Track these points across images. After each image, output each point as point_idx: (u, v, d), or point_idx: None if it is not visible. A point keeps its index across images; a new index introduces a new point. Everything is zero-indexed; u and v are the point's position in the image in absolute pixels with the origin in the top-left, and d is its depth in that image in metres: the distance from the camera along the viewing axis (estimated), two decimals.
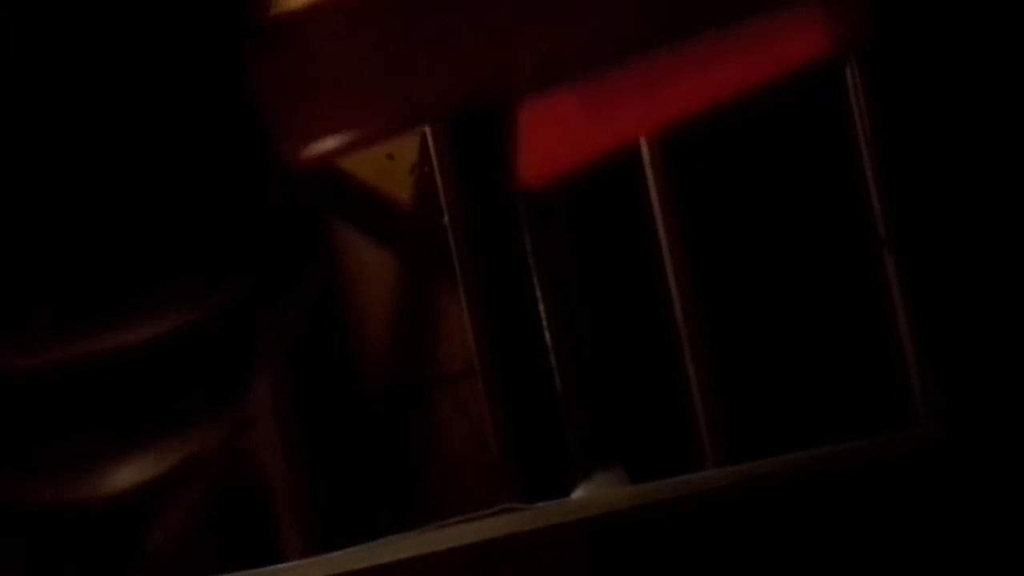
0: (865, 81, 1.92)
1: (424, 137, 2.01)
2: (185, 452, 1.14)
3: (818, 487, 1.62)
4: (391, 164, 2.12)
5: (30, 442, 1.04)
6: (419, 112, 1.13)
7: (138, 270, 0.98)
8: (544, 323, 1.93)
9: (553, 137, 1.05)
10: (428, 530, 1.71)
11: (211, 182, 1.01)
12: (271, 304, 1.11)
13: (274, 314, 1.12)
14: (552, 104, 1.02)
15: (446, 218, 1.99)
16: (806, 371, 1.94)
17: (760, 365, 1.95)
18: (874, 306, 1.92)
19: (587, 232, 1.97)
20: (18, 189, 0.94)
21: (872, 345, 1.93)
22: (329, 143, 1.08)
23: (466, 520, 1.71)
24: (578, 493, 1.86)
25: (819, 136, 1.99)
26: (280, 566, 1.74)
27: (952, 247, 1.93)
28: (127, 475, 1.11)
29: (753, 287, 1.98)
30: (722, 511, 1.59)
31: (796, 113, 2.00)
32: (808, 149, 2.00)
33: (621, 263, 2.01)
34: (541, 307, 1.93)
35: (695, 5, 1.04)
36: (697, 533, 1.56)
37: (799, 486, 1.62)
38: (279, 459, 1.99)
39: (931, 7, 1.92)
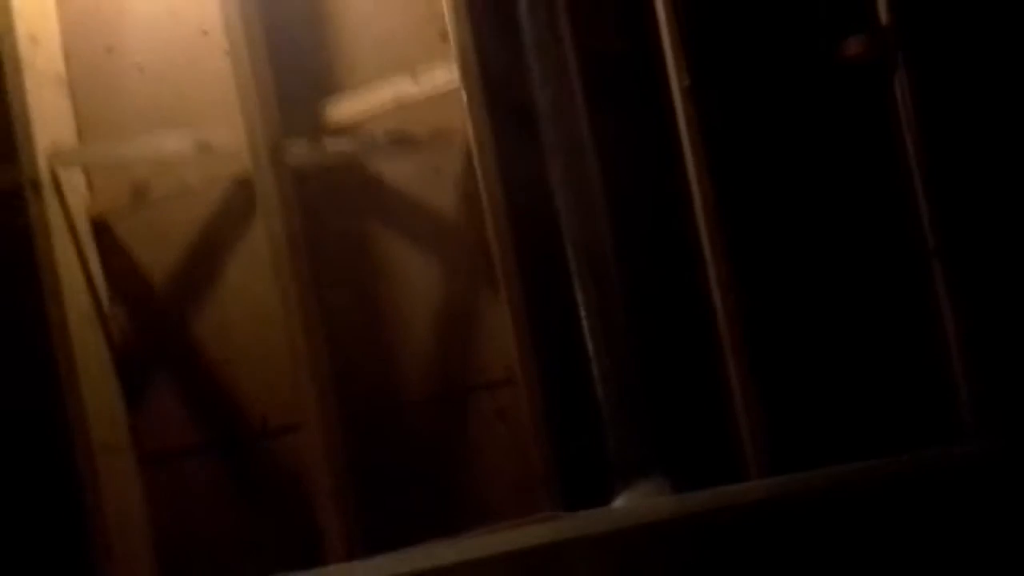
0: (913, 90, 1.91)
1: (469, 152, 2.03)
2: None
3: (862, 500, 1.60)
4: (438, 177, 2.14)
5: None
6: None
7: None
8: (586, 331, 1.93)
9: None
10: (470, 536, 1.71)
11: None
12: None
13: None
14: None
15: (490, 228, 2.00)
16: (852, 383, 1.92)
17: (805, 376, 1.93)
18: (923, 318, 1.90)
19: (631, 244, 1.97)
20: None
21: (921, 357, 1.91)
22: None
23: (508, 527, 1.72)
24: (619, 502, 1.86)
25: (869, 149, 1.97)
26: (324, 569, 1.76)
27: (1002, 259, 1.91)
28: None
29: (800, 298, 1.96)
30: (763, 522, 1.57)
31: (845, 127, 1.99)
32: (856, 162, 1.98)
33: (665, 274, 2.00)
34: (583, 316, 1.93)
35: None
36: (739, 544, 1.55)
37: (842, 499, 1.60)
38: (324, 464, 2.01)
39: (984, 15, 1.91)
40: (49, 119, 2.21)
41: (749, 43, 2.01)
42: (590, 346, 1.93)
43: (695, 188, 1.94)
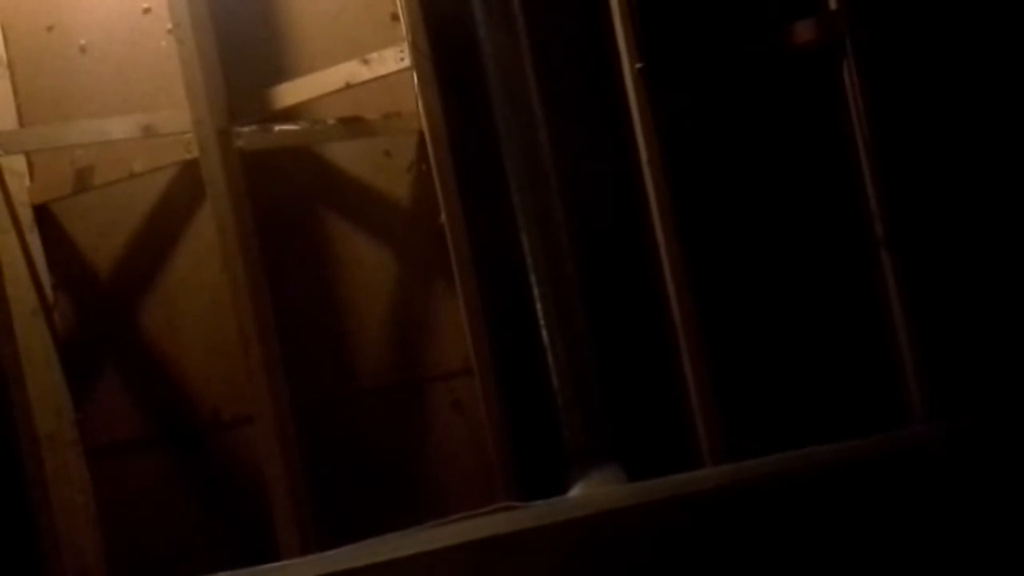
0: (862, 79, 1.92)
1: (422, 135, 2.01)
2: None
3: (814, 486, 1.63)
4: (389, 161, 2.12)
5: None
6: None
7: None
8: (541, 322, 1.93)
9: None
10: (426, 528, 1.71)
11: None
12: None
13: None
14: None
15: (443, 216, 1.99)
16: (803, 370, 1.94)
17: (757, 364, 1.95)
18: (871, 305, 1.93)
19: (585, 231, 1.97)
20: None
21: (869, 344, 1.94)
22: None
23: (464, 518, 1.72)
24: (575, 491, 1.87)
25: (817, 137, 1.99)
26: (278, 564, 1.75)
27: (949, 246, 1.94)
28: None
29: (750, 287, 1.98)
30: (719, 509, 1.59)
31: (794, 114, 2.00)
32: (806, 150, 2.00)
33: (620, 262, 2.01)
34: (538, 306, 1.93)
35: None
36: (694, 531, 1.57)
37: (795, 485, 1.63)
38: (277, 456, 1.99)
39: (932, 5, 1.92)
40: None
41: (700, 27, 2.01)
42: (545, 336, 1.93)
43: (647, 174, 1.94)
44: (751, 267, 1.99)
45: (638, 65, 1.95)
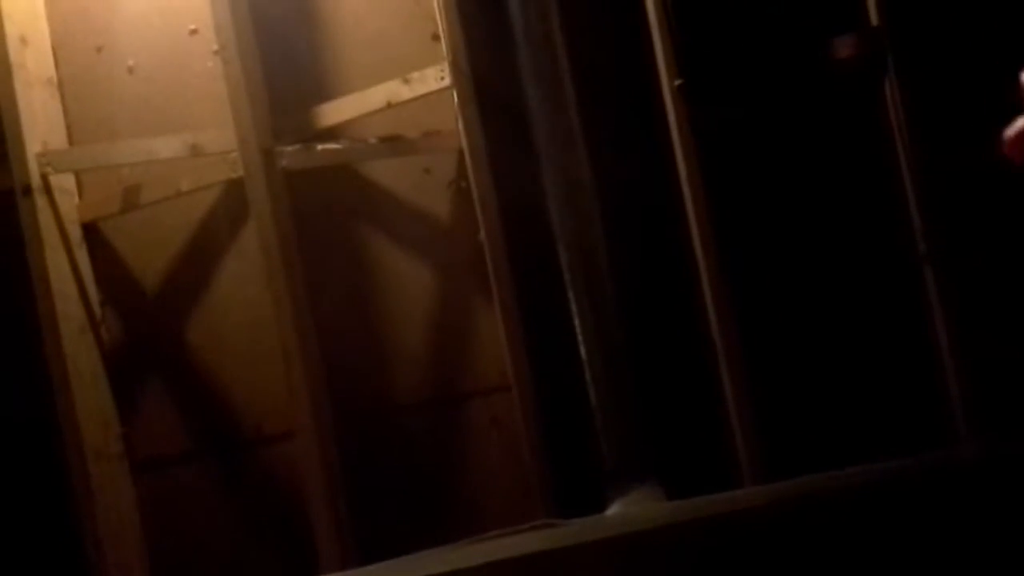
0: (904, 94, 1.90)
1: (461, 153, 2.02)
2: None
3: (855, 506, 1.61)
4: (428, 178, 2.13)
5: None
6: None
7: None
8: (580, 338, 1.93)
9: None
10: (464, 544, 1.71)
11: None
12: None
13: None
14: None
15: (482, 233, 1.99)
16: (845, 388, 1.92)
17: (798, 382, 1.93)
18: (915, 323, 1.91)
19: (624, 247, 1.97)
20: None
21: (913, 362, 1.91)
22: None
23: (503, 535, 1.72)
24: (613, 509, 1.86)
25: (859, 154, 1.97)
26: None
27: (994, 263, 1.91)
28: None
29: (792, 303, 1.96)
30: (758, 530, 1.58)
31: (836, 131, 1.99)
32: (848, 167, 1.98)
33: (658, 279, 2.00)
34: (577, 322, 1.93)
35: None
36: (733, 551, 1.55)
37: (836, 505, 1.61)
38: (318, 470, 2.00)
39: (974, 16, 1.90)
40: (39, 122, 2.19)
41: (740, 43, 2.00)
42: (584, 352, 1.92)
43: (687, 191, 1.94)
44: (793, 284, 1.97)
45: (677, 82, 1.95)
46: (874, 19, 1.95)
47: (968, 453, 1.79)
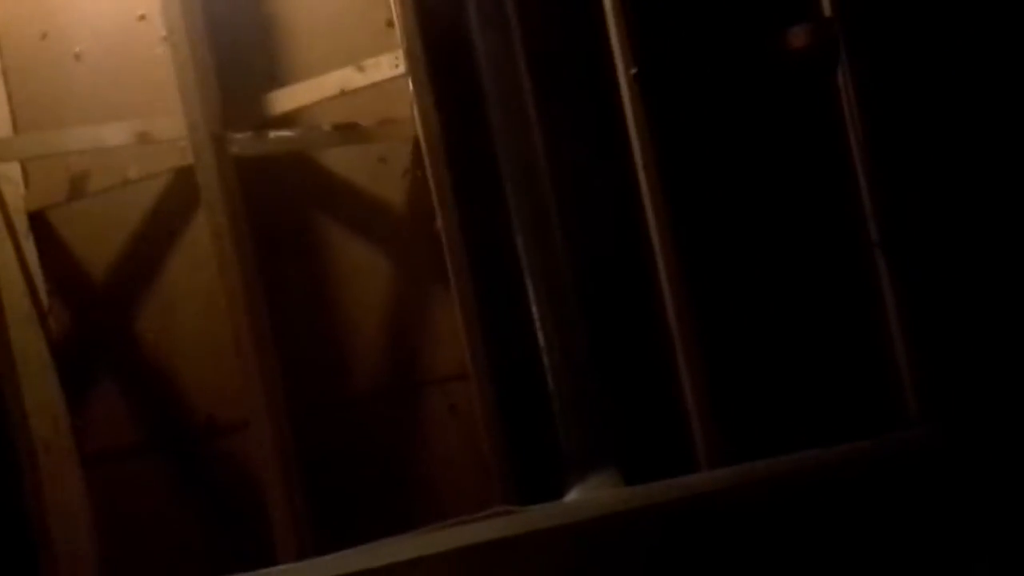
0: (856, 83, 1.93)
1: (417, 141, 2.01)
2: None
3: (810, 488, 1.63)
4: (384, 167, 2.12)
5: None
6: None
7: None
8: (537, 325, 1.93)
9: None
10: (422, 533, 1.71)
11: None
12: None
13: None
14: None
15: (439, 222, 1.99)
16: (799, 373, 1.94)
17: (753, 367, 1.95)
18: (867, 307, 1.93)
19: (581, 235, 1.98)
20: None
21: (865, 346, 1.94)
22: None
23: (460, 523, 1.72)
24: (572, 496, 1.87)
25: (812, 141, 1.99)
26: (275, 568, 1.74)
27: (944, 247, 1.94)
28: None
29: (746, 289, 1.98)
30: (715, 513, 1.59)
31: (790, 119, 2.01)
32: (801, 154, 2.00)
33: (615, 265, 2.01)
34: (534, 310, 1.94)
35: None
36: (690, 535, 1.57)
37: (791, 488, 1.63)
38: (273, 461, 1.99)
39: (927, 6, 1.93)
40: None
41: (695, 33, 2.01)
42: (541, 340, 1.93)
43: (642, 177, 1.94)
44: (747, 270, 1.99)
45: (633, 70, 1.95)
46: (827, 10, 1.97)
47: (919, 436, 1.82)
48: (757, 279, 1.98)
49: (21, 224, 2.16)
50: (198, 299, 2.13)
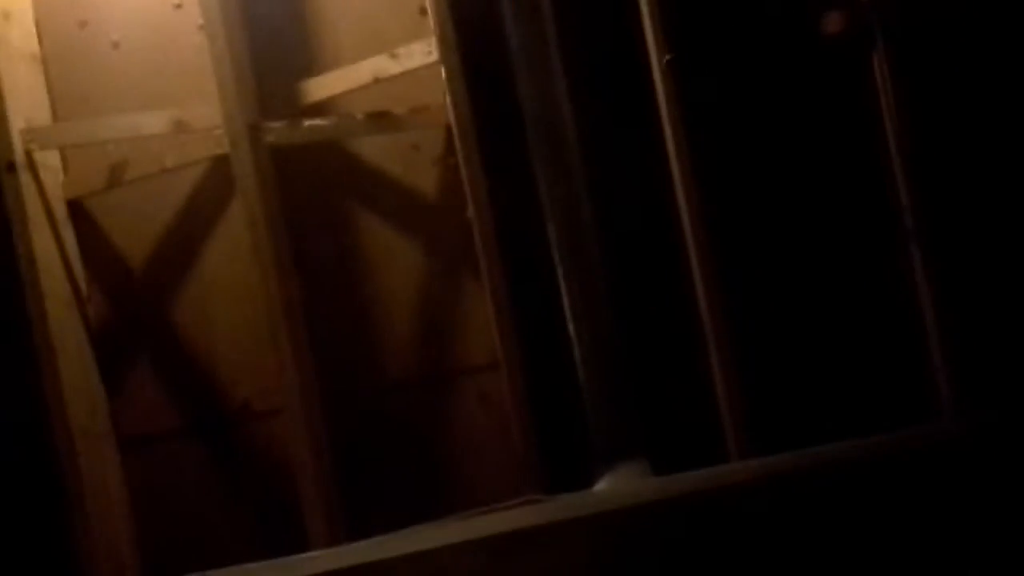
0: (892, 70, 1.90)
1: (449, 129, 2.01)
2: None
3: (841, 481, 1.62)
4: (417, 155, 2.12)
5: None
6: None
7: None
8: (568, 315, 1.93)
9: None
10: (452, 520, 1.72)
11: None
12: None
13: None
14: None
15: (471, 210, 1.99)
16: (831, 364, 1.93)
17: (785, 359, 1.94)
18: (901, 298, 1.91)
19: (613, 224, 1.97)
20: None
21: (899, 338, 1.92)
22: None
23: (490, 511, 1.73)
24: (601, 485, 1.87)
25: (847, 129, 1.97)
26: (307, 554, 1.76)
27: (979, 239, 1.92)
28: None
29: (778, 279, 1.97)
30: (745, 504, 1.59)
31: (825, 106, 1.98)
32: (837, 142, 1.98)
33: (647, 255, 2.00)
34: (565, 300, 1.93)
35: None
36: (720, 526, 1.56)
37: (822, 480, 1.62)
38: (306, 447, 2.01)
39: None
40: (23, 98, 2.18)
41: (729, 19, 1.99)
42: (572, 330, 1.93)
43: (675, 166, 1.93)
44: (779, 259, 1.97)
45: (667, 57, 1.94)
46: None
47: (953, 428, 1.80)
48: (789, 268, 1.97)
49: (60, 212, 2.19)
50: (234, 286, 2.15)
